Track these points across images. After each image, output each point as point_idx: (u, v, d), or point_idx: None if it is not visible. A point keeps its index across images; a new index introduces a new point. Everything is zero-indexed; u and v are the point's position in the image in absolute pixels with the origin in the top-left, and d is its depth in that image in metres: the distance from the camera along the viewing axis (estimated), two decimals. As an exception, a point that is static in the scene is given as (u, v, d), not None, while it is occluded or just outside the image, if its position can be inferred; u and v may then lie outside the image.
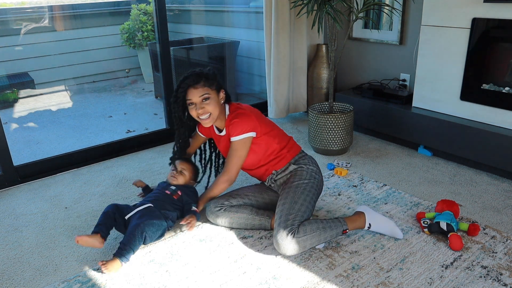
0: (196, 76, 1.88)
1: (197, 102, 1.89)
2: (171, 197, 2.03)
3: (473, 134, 2.47)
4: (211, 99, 1.89)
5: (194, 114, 1.92)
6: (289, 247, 1.73)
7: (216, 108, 1.92)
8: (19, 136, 3.49)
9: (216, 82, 1.94)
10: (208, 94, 1.89)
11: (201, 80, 1.88)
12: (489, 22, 2.36)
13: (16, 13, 4.53)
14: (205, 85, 1.89)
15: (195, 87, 1.88)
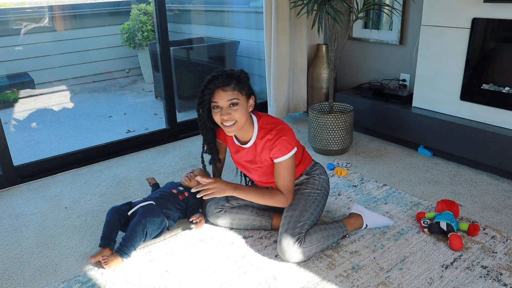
0: (226, 77, 1.66)
1: (224, 107, 1.67)
2: (177, 197, 2.06)
3: (473, 134, 2.47)
4: (239, 105, 1.68)
5: (218, 119, 1.70)
6: (294, 256, 1.73)
7: (243, 116, 1.71)
8: (19, 136, 3.49)
9: (248, 86, 1.73)
10: (237, 99, 1.67)
11: (232, 82, 1.67)
12: (489, 22, 2.36)
13: (16, 13, 4.53)
14: (235, 89, 1.67)
15: (224, 89, 1.66)
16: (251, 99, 1.75)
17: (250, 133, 1.80)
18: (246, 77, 1.74)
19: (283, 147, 1.72)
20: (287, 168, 1.75)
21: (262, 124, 1.79)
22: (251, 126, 1.79)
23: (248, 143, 1.82)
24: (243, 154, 1.87)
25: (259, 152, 1.80)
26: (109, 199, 2.36)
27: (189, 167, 2.72)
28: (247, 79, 1.74)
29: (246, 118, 1.74)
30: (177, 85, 3.84)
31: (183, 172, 2.65)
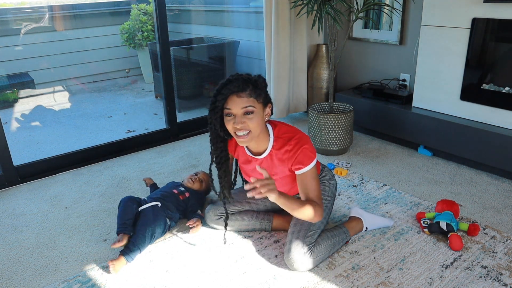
0: (242, 82, 1.52)
1: (238, 114, 1.52)
2: (177, 197, 2.06)
3: (473, 134, 2.47)
4: (255, 113, 1.53)
5: (230, 127, 1.56)
6: (304, 266, 1.69)
7: (259, 126, 1.56)
8: (19, 136, 3.49)
9: (265, 93, 1.58)
10: (253, 107, 1.52)
11: (248, 88, 1.52)
12: (489, 22, 2.36)
13: (16, 13, 4.53)
14: (251, 95, 1.52)
15: (239, 95, 1.51)
16: (268, 108, 1.61)
17: (264, 144, 1.67)
18: (264, 83, 1.59)
19: (306, 156, 1.61)
20: (313, 177, 1.63)
21: (278, 133, 1.67)
22: (266, 136, 1.66)
23: (262, 155, 1.69)
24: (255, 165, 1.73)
25: (276, 164, 1.68)
26: (109, 199, 2.36)
27: (189, 167, 2.72)
28: (265, 86, 1.60)
29: (262, 128, 1.59)
30: (177, 85, 3.84)
31: (183, 172, 2.65)
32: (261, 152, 1.70)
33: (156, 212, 1.92)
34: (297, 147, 1.61)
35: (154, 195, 2.05)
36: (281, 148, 1.65)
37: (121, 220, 1.85)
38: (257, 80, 1.56)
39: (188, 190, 2.13)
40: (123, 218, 1.85)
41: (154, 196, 2.04)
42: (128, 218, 1.85)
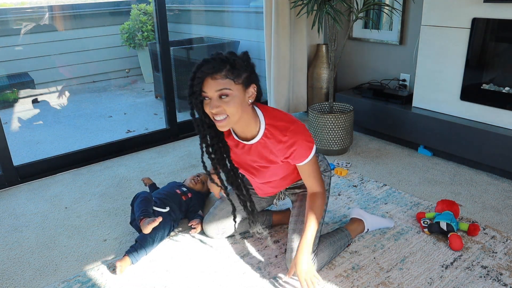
0: (218, 62, 1.38)
1: (213, 98, 1.40)
2: (180, 197, 2.07)
3: (473, 134, 2.47)
4: (231, 96, 1.40)
5: (208, 112, 1.43)
6: None
7: (238, 110, 1.42)
8: (19, 136, 3.49)
9: (247, 73, 1.43)
10: (229, 90, 1.39)
11: (224, 69, 1.38)
12: (489, 22, 2.36)
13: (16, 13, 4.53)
14: (227, 76, 1.38)
15: (214, 77, 1.37)
16: (251, 88, 1.46)
17: (253, 129, 1.53)
18: (245, 62, 1.44)
19: (305, 149, 1.52)
20: (313, 163, 1.58)
21: (270, 120, 1.53)
22: (255, 120, 1.52)
23: (252, 140, 1.56)
24: (245, 151, 1.61)
25: (268, 153, 1.57)
26: (109, 199, 2.36)
27: (189, 167, 2.72)
28: (246, 64, 1.44)
29: (243, 111, 1.45)
30: (177, 85, 3.84)
31: (183, 172, 2.65)
32: (249, 138, 1.56)
33: (166, 217, 1.93)
34: (293, 140, 1.50)
35: (158, 195, 2.04)
36: (274, 138, 1.52)
37: (144, 206, 1.86)
38: (235, 59, 1.40)
39: (190, 191, 2.14)
40: (146, 205, 1.86)
41: (159, 196, 2.04)
42: (149, 206, 1.87)
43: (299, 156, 1.54)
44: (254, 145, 1.57)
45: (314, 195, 1.63)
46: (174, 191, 2.09)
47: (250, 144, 1.57)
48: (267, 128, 1.53)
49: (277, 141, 1.52)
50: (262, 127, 1.53)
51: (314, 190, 1.63)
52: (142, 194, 1.94)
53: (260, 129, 1.54)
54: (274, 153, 1.56)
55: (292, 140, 1.50)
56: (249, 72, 1.45)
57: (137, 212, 1.85)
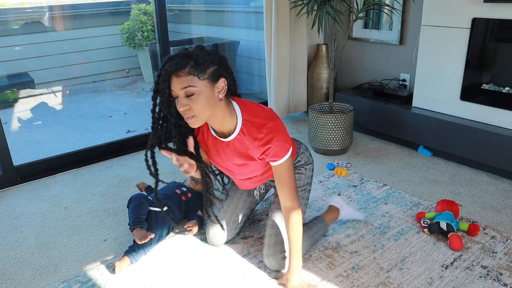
0: (180, 58, 1.32)
1: (180, 96, 1.35)
2: (180, 198, 2.07)
3: (473, 134, 2.47)
4: (198, 94, 1.34)
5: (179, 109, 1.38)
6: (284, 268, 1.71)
7: (206, 107, 1.37)
8: (19, 136, 3.49)
9: (213, 67, 1.36)
10: (193, 87, 1.33)
11: (187, 65, 1.32)
12: (489, 22, 2.36)
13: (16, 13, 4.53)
14: (191, 73, 1.32)
15: (178, 75, 1.32)
16: (220, 82, 1.39)
17: (229, 125, 1.49)
18: (210, 55, 1.36)
19: (281, 149, 1.47)
20: (289, 167, 1.52)
21: (247, 115, 1.48)
22: (231, 116, 1.47)
23: (229, 137, 1.52)
24: (222, 150, 1.59)
25: (245, 149, 1.54)
26: (109, 199, 2.36)
27: (189, 167, 2.71)
28: (213, 58, 1.36)
29: (213, 107, 1.40)
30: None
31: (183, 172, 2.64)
32: (226, 134, 1.53)
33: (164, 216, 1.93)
34: (269, 137, 1.45)
35: (158, 196, 2.04)
36: (250, 135, 1.48)
37: (136, 214, 1.84)
38: (198, 54, 1.34)
39: (190, 191, 2.14)
40: (138, 212, 1.85)
41: (159, 197, 2.03)
42: (142, 213, 1.86)
43: (273, 155, 1.48)
44: (231, 142, 1.53)
45: (289, 213, 1.56)
46: (173, 191, 2.08)
47: (227, 141, 1.54)
48: (244, 124, 1.48)
49: (253, 138, 1.48)
50: (239, 123, 1.49)
51: (287, 204, 1.55)
52: (136, 198, 1.92)
53: (237, 125, 1.49)
54: (251, 150, 1.52)
55: (267, 137, 1.46)
56: (217, 65, 1.38)
57: (130, 219, 1.85)
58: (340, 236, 1.94)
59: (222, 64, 1.40)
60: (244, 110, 1.49)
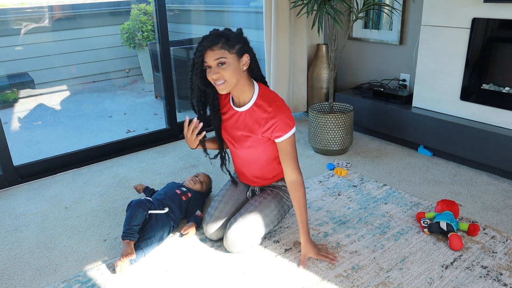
0: (214, 36, 1.65)
1: (213, 66, 1.66)
2: (180, 197, 2.07)
3: (473, 134, 2.47)
4: (227, 64, 1.65)
5: (210, 78, 1.69)
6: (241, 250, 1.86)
7: (234, 75, 1.68)
8: (19, 136, 3.49)
9: (240, 44, 1.69)
10: (224, 58, 1.64)
11: (220, 41, 1.64)
12: (489, 22, 2.36)
13: (16, 13, 4.53)
14: (223, 47, 1.64)
15: (212, 49, 1.64)
16: (244, 57, 1.71)
17: (248, 95, 1.78)
18: (238, 36, 1.70)
19: (284, 124, 1.72)
20: (292, 143, 1.76)
21: (263, 92, 1.78)
22: (251, 88, 1.78)
23: (244, 107, 1.80)
24: (234, 120, 1.84)
25: (253, 122, 1.78)
26: (109, 199, 2.36)
27: (189, 167, 2.72)
28: (239, 37, 1.69)
29: (239, 77, 1.70)
30: (177, 85, 3.84)
31: (183, 172, 2.65)
32: (242, 104, 1.81)
33: (165, 217, 1.93)
34: (275, 112, 1.72)
35: (158, 196, 2.04)
36: (261, 107, 1.75)
37: (128, 224, 1.82)
38: (229, 34, 1.67)
39: (190, 191, 2.14)
40: (131, 223, 1.82)
41: (158, 197, 2.03)
42: (135, 224, 1.82)
43: (278, 130, 1.73)
44: (243, 112, 1.80)
45: (294, 185, 1.77)
46: (173, 191, 2.09)
47: (241, 111, 1.81)
48: (258, 98, 1.77)
49: (262, 111, 1.75)
50: (255, 97, 1.78)
51: (293, 177, 1.77)
52: (134, 205, 1.88)
53: (253, 98, 1.78)
54: (258, 122, 1.77)
55: (275, 112, 1.72)
56: (242, 43, 1.70)
57: (124, 227, 1.83)
58: (340, 236, 1.94)
59: (246, 43, 1.72)
60: (261, 88, 1.80)
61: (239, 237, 1.80)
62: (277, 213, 1.94)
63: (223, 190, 2.05)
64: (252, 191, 2.05)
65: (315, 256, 1.77)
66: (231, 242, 1.81)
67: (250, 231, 1.82)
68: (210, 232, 1.92)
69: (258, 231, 1.85)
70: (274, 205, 1.93)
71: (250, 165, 1.94)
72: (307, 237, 1.78)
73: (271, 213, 1.91)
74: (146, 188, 2.28)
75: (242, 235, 1.81)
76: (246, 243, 1.82)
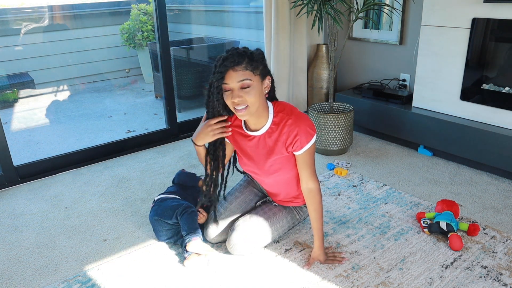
0: (238, 56, 1.49)
1: (235, 89, 1.50)
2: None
3: (473, 134, 2.47)
4: (252, 87, 1.50)
5: (229, 102, 1.53)
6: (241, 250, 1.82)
7: (257, 100, 1.53)
8: (19, 136, 3.49)
9: (262, 65, 1.55)
10: (249, 81, 1.49)
11: (243, 61, 1.49)
12: (489, 22, 2.36)
13: (16, 13, 4.53)
14: (247, 68, 1.49)
15: (235, 69, 1.48)
16: (266, 80, 1.58)
17: (263, 120, 1.64)
18: (260, 55, 1.55)
19: (307, 134, 1.60)
20: (311, 153, 1.65)
21: (277, 108, 1.65)
22: (266, 111, 1.63)
23: (260, 130, 1.66)
24: (251, 146, 1.70)
25: (274, 140, 1.65)
26: (109, 199, 2.36)
27: (189, 167, 2.71)
28: (262, 58, 1.55)
29: (261, 101, 1.56)
30: (177, 85, 3.84)
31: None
32: (258, 129, 1.67)
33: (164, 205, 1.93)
34: (295, 124, 1.60)
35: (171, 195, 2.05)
36: (279, 124, 1.63)
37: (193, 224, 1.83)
38: (253, 53, 1.53)
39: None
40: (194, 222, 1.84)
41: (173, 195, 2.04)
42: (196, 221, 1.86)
43: (300, 142, 1.61)
44: (262, 136, 1.67)
45: (311, 193, 1.70)
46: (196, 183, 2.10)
47: (259, 136, 1.68)
48: (274, 116, 1.64)
49: (282, 126, 1.62)
50: (271, 117, 1.65)
51: (310, 185, 1.69)
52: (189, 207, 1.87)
53: (269, 119, 1.65)
54: (279, 139, 1.64)
55: (295, 124, 1.60)
56: (264, 65, 1.56)
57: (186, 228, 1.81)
58: (340, 236, 1.94)
59: (265, 64, 1.58)
60: (275, 105, 1.67)
61: (242, 242, 1.78)
62: (286, 228, 1.91)
63: (231, 195, 1.97)
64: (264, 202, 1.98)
65: (324, 263, 1.75)
66: (233, 245, 1.79)
67: (255, 240, 1.80)
68: (211, 237, 1.90)
69: (263, 241, 1.83)
70: (286, 220, 1.89)
71: (278, 189, 1.83)
72: (321, 243, 1.74)
73: (281, 228, 1.88)
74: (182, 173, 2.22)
75: (246, 241, 1.78)
76: (248, 249, 1.81)
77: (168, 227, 1.89)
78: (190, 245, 1.75)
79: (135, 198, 2.35)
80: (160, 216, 1.89)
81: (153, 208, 1.95)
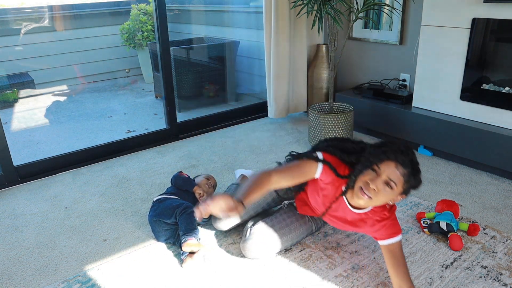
0: (408, 160, 1.45)
1: (380, 177, 1.46)
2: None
3: (473, 134, 2.47)
4: (392, 192, 1.47)
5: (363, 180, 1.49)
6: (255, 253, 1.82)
7: (383, 202, 1.53)
8: (19, 136, 3.49)
9: (413, 187, 1.51)
10: (395, 186, 1.45)
11: (407, 169, 1.45)
12: (489, 22, 2.36)
13: (16, 13, 4.53)
14: (404, 177, 1.45)
15: (397, 167, 1.44)
16: (403, 196, 1.53)
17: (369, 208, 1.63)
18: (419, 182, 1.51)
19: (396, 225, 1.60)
20: (401, 247, 1.59)
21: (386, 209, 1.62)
22: None
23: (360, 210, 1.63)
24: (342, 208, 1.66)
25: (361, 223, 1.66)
26: (109, 199, 2.36)
27: (189, 167, 2.71)
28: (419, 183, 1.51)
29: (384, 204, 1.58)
30: (177, 85, 3.84)
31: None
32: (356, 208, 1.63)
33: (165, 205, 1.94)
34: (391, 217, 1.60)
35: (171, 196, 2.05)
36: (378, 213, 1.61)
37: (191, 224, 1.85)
38: (419, 173, 1.50)
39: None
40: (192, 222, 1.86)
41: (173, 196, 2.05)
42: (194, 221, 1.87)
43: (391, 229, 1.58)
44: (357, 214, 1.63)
45: None
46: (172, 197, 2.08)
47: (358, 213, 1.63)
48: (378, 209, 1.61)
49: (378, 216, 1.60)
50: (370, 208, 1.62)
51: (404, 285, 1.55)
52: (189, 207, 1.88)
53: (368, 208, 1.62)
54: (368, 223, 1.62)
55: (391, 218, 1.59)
56: (414, 187, 1.51)
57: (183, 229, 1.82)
58: (340, 236, 1.94)
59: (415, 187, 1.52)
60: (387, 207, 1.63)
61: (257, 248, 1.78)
62: (300, 239, 1.90)
63: None
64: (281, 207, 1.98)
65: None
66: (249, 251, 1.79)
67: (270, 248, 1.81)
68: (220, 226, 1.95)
69: (277, 248, 1.83)
70: (301, 231, 1.89)
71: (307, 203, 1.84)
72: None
73: (296, 238, 1.88)
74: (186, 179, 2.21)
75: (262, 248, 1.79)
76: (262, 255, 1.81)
77: (166, 227, 1.89)
78: (185, 245, 1.76)
79: (135, 198, 2.35)
80: (159, 216, 1.89)
81: (152, 209, 1.96)
